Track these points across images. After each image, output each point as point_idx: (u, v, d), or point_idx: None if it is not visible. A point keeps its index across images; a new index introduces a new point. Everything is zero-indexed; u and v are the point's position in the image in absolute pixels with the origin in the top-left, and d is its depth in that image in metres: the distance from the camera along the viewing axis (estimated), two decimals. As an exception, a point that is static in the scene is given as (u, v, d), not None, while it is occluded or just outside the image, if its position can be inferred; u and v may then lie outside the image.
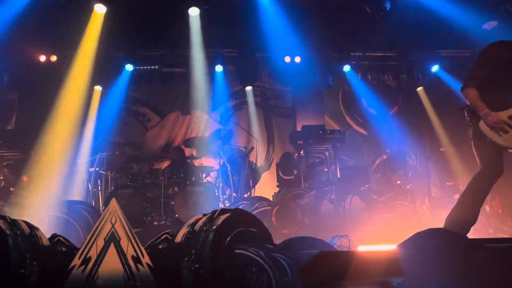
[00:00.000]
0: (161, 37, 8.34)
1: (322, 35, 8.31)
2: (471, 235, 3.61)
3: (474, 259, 2.73)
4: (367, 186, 7.28)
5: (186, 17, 7.87)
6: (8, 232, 2.56)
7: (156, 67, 9.16)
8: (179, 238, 2.98)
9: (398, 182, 7.69)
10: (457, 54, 9.30)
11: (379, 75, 9.84)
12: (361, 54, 9.39)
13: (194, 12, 7.82)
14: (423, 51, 8.80)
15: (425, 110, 9.33)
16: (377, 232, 6.09)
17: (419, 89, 9.45)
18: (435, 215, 6.97)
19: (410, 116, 9.67)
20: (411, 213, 6.56)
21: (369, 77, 9.79)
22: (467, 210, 3.56)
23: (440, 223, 3.98)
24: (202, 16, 7.84)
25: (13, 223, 2.68)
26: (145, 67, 9.10)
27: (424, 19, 7.62)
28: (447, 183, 8.09)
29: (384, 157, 9.00)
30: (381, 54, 9.48)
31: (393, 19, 7.88)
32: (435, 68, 9.12)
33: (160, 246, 3.00)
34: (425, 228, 2.99)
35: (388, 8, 7.16)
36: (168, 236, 3.01)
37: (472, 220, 3.57)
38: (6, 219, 2.67)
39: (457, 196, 6.93)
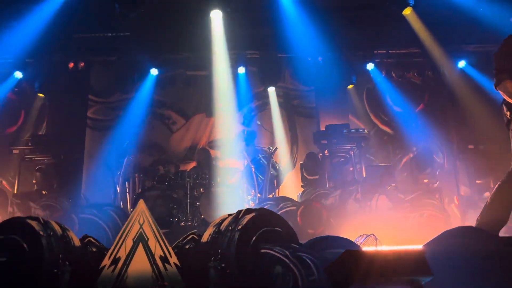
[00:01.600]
0: (184, 41, 8.44)
1: (345, 34, 8.24)
2: (502, 234, 3.51)
3: (507, 258, 2.66)
4: (394, 185, 7.17)
5: (209, 20, 7.95)
6: (41, 233, 2.66)
7: (180, 70, 9.28)
8: (205, 238, 3.02)
9: (426, 180, 7.53)
10: (485, 49, 9.04)
11: (404, 73, 9.65)
12: (385, 51, 9.25)
13: (216, 15, 7.90)
14: (448, 46, 8.60)
15: (452, 107, 9.12)
16: (404, 232, 6.00)
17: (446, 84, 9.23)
18: (464, 214, 6.82)
19: (436, 114, 9.47)
20: (439, 212, 6.43)
21: (394, 74, 9.63)
22: (500, 209, 3.45)
23: (469, 222, 3.90)
24: (225, 18, 7.91)
25: (46, 224, 2.78)
26: (169, 71, 9.23)
27: (449, 13, 7.45)
28: (477, 181, 7.88)
29: (411, 155, 8.84)
30: (405, 51, 9.32)
31: (417, 14, 7.77)
32: (461, 63, 8.90)
33: (187, 246, 3.05)
34: (454, 227, 2.94)
35: (411, 4, 7.05)
36: (194, 236, 3.05)
37: (505, 219, 3.47)
38: (40, 220, 2.77)
39: (487, 194, 6.79)
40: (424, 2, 7.27)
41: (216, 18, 7.96)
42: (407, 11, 7.67)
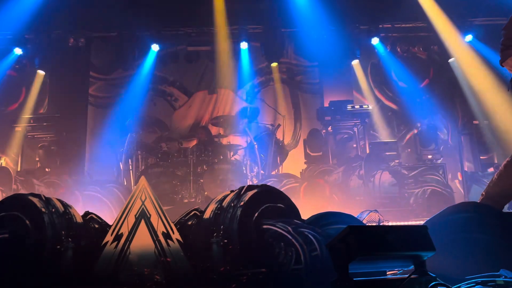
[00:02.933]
0: (185, 16, 8.30)
1: (349, 8, 8.07)
2: (505, 209, 3.50)
3: (508, 233, 2.65)
4: (397, 161, 7.15)
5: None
6: (43, 209, 2.65)
7: (182, 46, 9.15)
8: (207, 214, 3.01)
9: (429, 156, 7.49)
10: (493, 22, 8.84)
11: (409, 47, 9.48)
12: (390, 25, 9.07)
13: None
14: (455, 20, 8.41)
15: (457, 82, 9.00)
16: (407, 207, 6.02)
17: (451, 60, 9.09)
18: (468, 190, 6.80)
19: (442, 89, 9.35)
20: (442, 188, 6.42)
21: (399, 49, 9.46)
22: (507, 185, 3.42)
23: (472, 198, 3.89)
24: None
25: (48, 201, 2.77)
26: (171, 47, 9.11)
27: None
28: (481, 157, 7.84)
29: (415, 131, 8.78)
30: (411, 25, 9.12)
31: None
32: (468, 37, 8.72)
33: (190, 222, 3.04)
34: (457, 203, 2.92)
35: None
36: (197, 212, 3.05)
37: (510, 194, 3.44)
38: (41, 197, 2.77)
39: (491, 170, 6.75)
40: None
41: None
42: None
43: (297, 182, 6.68)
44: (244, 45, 9.02)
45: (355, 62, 9.44)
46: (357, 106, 8.19)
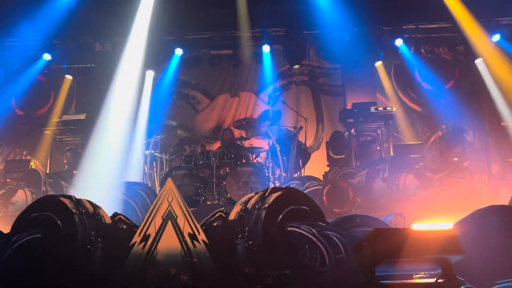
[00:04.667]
0: (208, 20, 8.39)
1: (372, 9, 8.00)
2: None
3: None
4: (422, 163, 7.04)
5: (232, -3, 7.86)
6: (74, 210, 2.74)
7: (205, 50, 9.25)
8: (232, 216, 3.05)
9: (455, 159, 7.36)
10: (521, 22, 8.64)
11: (434, 48, 9.33)
12: (413, 26, 8.93)
13: (240, -8, 7.80)
14: (481, 20, 8.23)
15: (484, 83, 8.81)
16: (433, 211, 5.92)
17: (478, 60, 8.90)
18: (495, 193, 6.64)
19: (467, 90, 9.16)
20: (469, 191, 6.30)
21: (423, 50, 9.32)
22: None
23: (501, 201, 3.80)
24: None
25: (78, 203, 2.86)
26: (194, 51, 9.22)
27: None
28: (509, 160, 7.65)
29: (440, 133, 8.64)
30: (435, 25, 8.97)
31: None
32: (496, 37, 8.53)
33: (215, 224, 3.08)
34: (486, 206, 2.87)
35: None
36: (222, 214, 3.09)
37: None
38: (72, 199, 2.86)
39: (521, 173, 6.54)
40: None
41: (240, -5, 7.87)
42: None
43: (319, 185, 6.64)
44: (266, 48, 9.05)
45: (378, 64, 9.35)
46: (380, 108, 8.10)
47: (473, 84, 9.11)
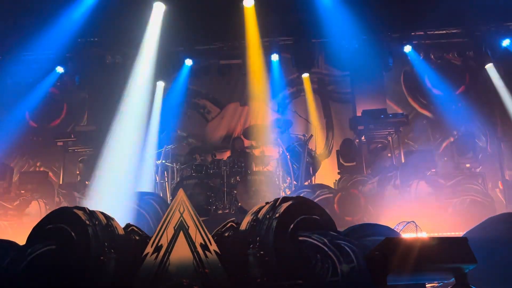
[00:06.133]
0: (217, 31, 8.48)
1: (380, 16, 8.01)
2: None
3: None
4: (434, 170, 6.98)
5: (241, 8, 7.94)
6: (87, 222, 2.77)
7: (214, 60, 9.34)
8: (243, 225, 3.06)
9: (467, 165, 7.27)
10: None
11: (443, 54, 9.30)
12: (422, 32, 8.94)
13: (248, 3, 7.88)
14: (491, 24, 8.19)
15: (495, 88, 8.73)
16: (445, 218, 5.86)
17: (488, 65, 8.84)
18: (510, 199, 6.56)
19: (478, 95, 9.10)
20: (482, 198, 6.22)
21: (432, 56, 9.29)
22: None
23: (515, 208, 3.76)
24: (257, 6, 7.87)
25: (92, 214, 2.89)
26: (204, 61, 9.31)
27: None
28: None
29: (452, 139, 8.57)
30: (444, 31, 8.95)
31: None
32: (506, 42, 8.47)
33: (226, 234, 3.10)
34: (499, 213, 2.84)
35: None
36: (233, 224, 3.10)
37: None
38: (85, 210, 2.89)
39: (534, 179, 6.46)
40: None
41: (248, 6, 7.95)
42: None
43: (331, 193, 6.62)
44: (275, 57, 9.11)
45: (388, 70, 9.33)
46: (390, 115, 8.07)
47: (484, 89, 9.05)
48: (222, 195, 6.86)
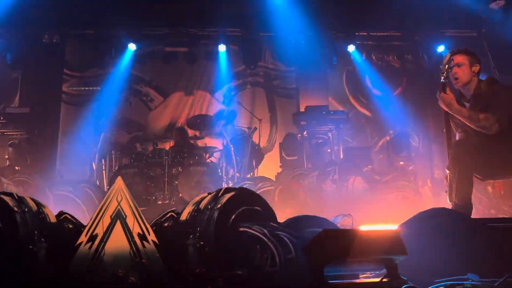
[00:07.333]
0: (164, 16, 8.25)
1: (327, 14, 8.19)
2: (473, 215, 3.64)
3: (476, 238, 2.75)
4: (370, 166, 7.30)
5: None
6: (15, 209, 2.59)
7: (160, 46, 9.09)
8: (184, 216, 3.01)
9: (401, 163, 7.68)
10: (463, 34, 9.16)
11: (384, 56, 9.72)
12: (366, 33, 9.26)
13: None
14: (428, 31, 8.65)
15: (430, 91, 9.25)
16: (379, 212, 6.14)
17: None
18: (437, 196, 6.99)
19: (414, 98, 9.60)
20: (413, 194, 6.59)
21: (374, 57, 9.68)
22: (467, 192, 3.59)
23: (442, 204, 4.01)
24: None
25: (21, 200, 2.71)
26: (148, 47, 9.03)
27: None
28: (450, 165, 8.07)
29: (387, 138, 8.98)
30: (386, 34, 9.34)
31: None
32: (441, 48, 8.99)
33: (166, 224, 3.03)
34: (428, 208, 3.01)
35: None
36: (173, 214, 3.04)
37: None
38: (14, 196, 2.70)
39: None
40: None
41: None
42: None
43: (272, 186, 6.71)
44: (222, 48, 9.03)
45: (332, 68, 9.59)
46: (332, 112, 8.31)
47: (419, 92, 9.54)
48: (163, 185, 6.74)
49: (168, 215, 3.04)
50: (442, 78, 3.71)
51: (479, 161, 3.49)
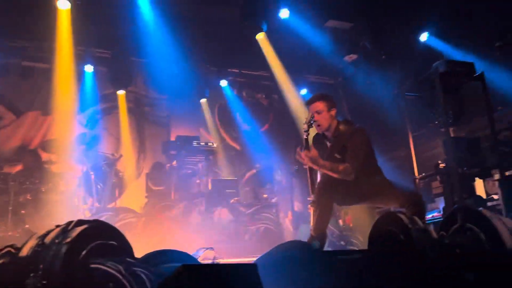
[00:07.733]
0: (23, 27, 7.48)
1: (201, 48, 8.34)
2: (326, 247, 3.91)
3: (327, 270, 2.93)
4: (237, 198, 7.45)
5: (54, 8, 7.21)
6: None
7: (15, 59, 8.17)
8: (25, 251, 2.64)
9: (265, 195, 8.02)
10: (323, 81, 10.17)
11: (254, 93, 10.25)
12: (237, 70, 9.66)
13: (63, 5, 7.21)
14: (293, 74, 9.39)
15: (295, 129, 9.95)
16: (243, 244, 6.26)
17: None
18: (296, 228, 7.41)
19: (279, 134, 10.21)
20: (275, 226, 6.88)
21: (244, 94, 10.14)
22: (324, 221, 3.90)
23: (300, 236, 4.25)
24: (74, 10, 7.27)
25: None
26: (1, 59, 8.05)
27: (295, 43, 8.15)
28: (308, 198, 8.67)
29: (254, 171, 9.33)
30: (256, 73, 9.88)
31: (269, 40, 8.32)
32: (303, 91, 9.80)
33: (1, 261, 2.63)
34: (286, 241, 3.14)
35: (264, 30, 7.50)
36: (11, 249, 2.65)
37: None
38: None
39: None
40: (275, 30, 7.80)
41: (63, 8, 7.27)
42: (260, 36, 8.14)
43: (135, 217, 6.40)
44: (89, 68, 8.51)
45: (204, 101, 9.74)
46: (202, 143, 8.35)
47: (284, 128, 10.20)
48: (7, 214, 5.93)
49: (4, 251, 2.64)
50: (305, 135, 4.08)
51: (339, 190, 3.95)
